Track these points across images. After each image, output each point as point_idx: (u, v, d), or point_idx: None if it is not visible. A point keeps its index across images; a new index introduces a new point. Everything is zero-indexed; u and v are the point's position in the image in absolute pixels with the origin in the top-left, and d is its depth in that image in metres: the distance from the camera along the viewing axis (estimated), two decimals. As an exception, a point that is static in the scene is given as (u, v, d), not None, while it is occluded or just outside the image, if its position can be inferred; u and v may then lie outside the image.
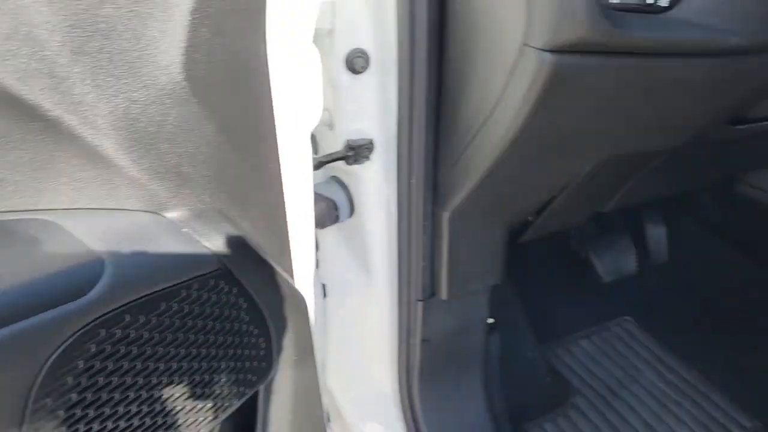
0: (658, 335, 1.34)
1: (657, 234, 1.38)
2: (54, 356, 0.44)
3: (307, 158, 0.63)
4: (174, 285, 0.50)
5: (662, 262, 1.39)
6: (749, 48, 0.67)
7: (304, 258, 0.65)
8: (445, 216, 0.80)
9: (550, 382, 1.22)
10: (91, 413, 0.47)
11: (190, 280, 0.51)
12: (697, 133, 0.83)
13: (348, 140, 0.78)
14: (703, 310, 1.38)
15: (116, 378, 0.48)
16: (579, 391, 1.23)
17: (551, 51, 0.60)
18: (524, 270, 1.39)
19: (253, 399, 0.64)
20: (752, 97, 0.79)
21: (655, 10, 0.64)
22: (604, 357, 1.31)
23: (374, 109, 0.76)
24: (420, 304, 0.89)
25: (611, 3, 0.62)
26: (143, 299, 0.48)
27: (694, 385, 1.24)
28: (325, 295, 1.00)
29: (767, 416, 1.18)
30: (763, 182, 1.26)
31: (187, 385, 0.54)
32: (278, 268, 0.59)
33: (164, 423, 0.53)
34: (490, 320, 1.03)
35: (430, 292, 0.89)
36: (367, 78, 0.74)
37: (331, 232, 0.94)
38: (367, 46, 0.72)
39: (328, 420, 1.06)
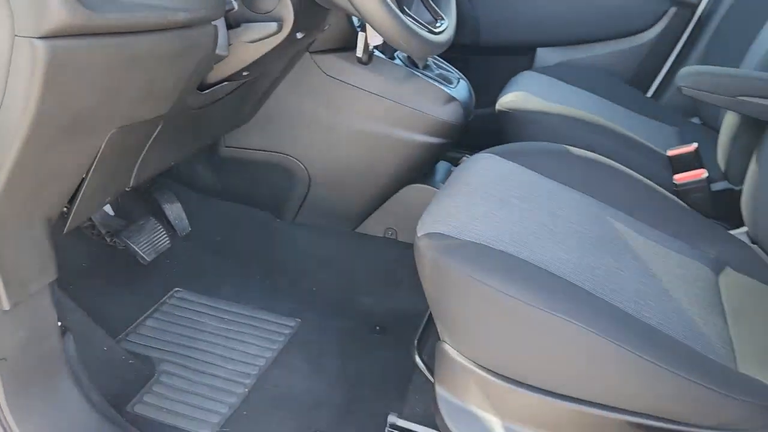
0: (208, 292, 1.56)
1: (174, 210, 1.58)
2: None
3: None
4: None
5: (188, 232, 1.60)
6: (192, 21, 0.89)
7: None
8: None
9: (134, 363, 1.31)
10: None
11: None
12: (177, 100, 1.03)
13: None
14: (237, 261, 1.65)
15: None
16: (161, 359, 1.36)
17: (41, 38, 0.70)
18: (74, 273, 1.42)
19: None
20: (204, 63, 1.03)
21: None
22: (171, 325, 1.46)
23: None
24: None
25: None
26: None
27: (248, 314, 1.51)
28: None
29: (303, 313, 1.53)
30: (236, 141, 1.59)
31: None
32: None
33: None
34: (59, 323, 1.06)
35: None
36: None
37: None
38: None
39: None
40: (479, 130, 1.78)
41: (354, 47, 1.41)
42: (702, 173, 1.37)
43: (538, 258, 0.98)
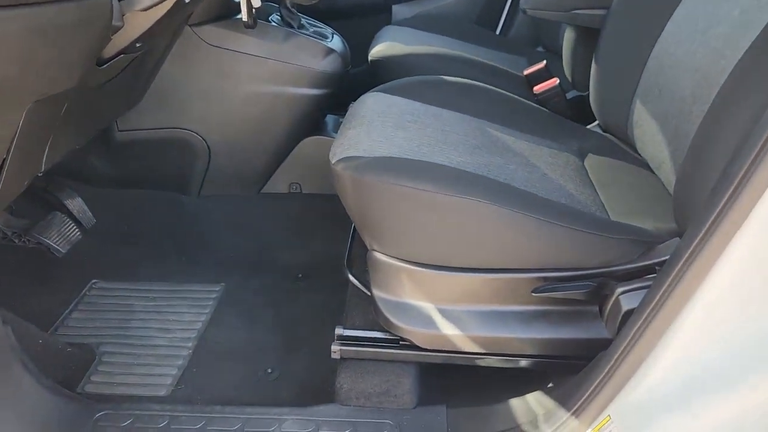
0: (127, 278, 1.58)
1: (76, 204, 1.58)
2: None
3: None
4: None
5: (93, 224, 1.61)
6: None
7: None
8: None
9: (72, 351, 1.33)
10: None
11: None
12: (83, 74, 1.07)
13: None
14: (150, 244, 1.68)
15: None
16: (99, 343, 1.38)
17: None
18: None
19: None
20: (103, 33, 1.07)
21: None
22: (98, 312, 1.48)
23: None
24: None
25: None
26: None
27: (172, 289, 1.55)
28: None
29: (226, 277, 1.59)
30: (130, 123, 1.61)
31: None
32: None
33: None
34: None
35: None
36: None
37: None
38: None
39: None
40: (358, 85, 1.91)
41: (229, 15, 1.48)
42: (555, 81, 1.58)
43: (439, 161, 1.12)
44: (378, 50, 1.83)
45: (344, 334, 1.18)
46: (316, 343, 1.37)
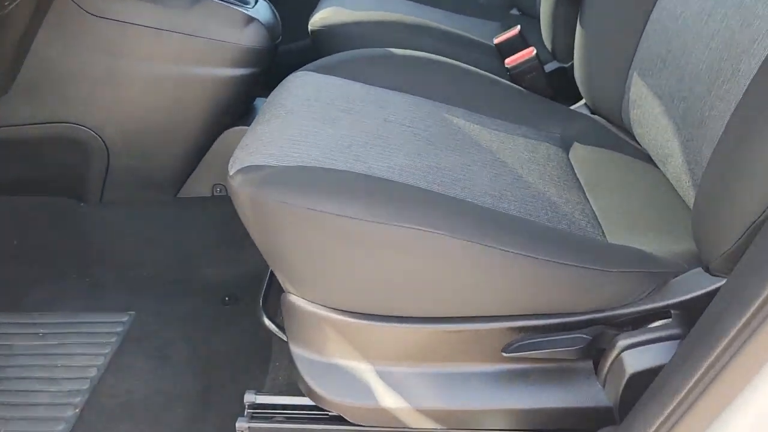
0: (12, 306, 1.28)
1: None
2: None
3: None
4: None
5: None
6: None
7: None
8: None
9: None
10: None
11: None
12: None
13: None
14: (43, 263, 1.38)
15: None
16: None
17: None
18: None
19: None
20: None
21: None
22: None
23: None
24: None
25: None
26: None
27: (67, 321, 1.26)
28: None
29: (136, 303, 1.30)
30: (-1, 119, 1.28)
31: None
32: None
33: None
34: None
35: None
36: None
37: None
38: None
39: None
40: (298, 62, 1.60)
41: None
42: (531, 51, 1.28)
43: (376, 169, 0.83)
44: (320, 18, 1.51)
45: (256, 402, 0.89)
46: (236, 393, 1.09)
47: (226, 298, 1.32)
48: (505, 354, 0.74)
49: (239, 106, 1.39)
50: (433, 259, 0.73)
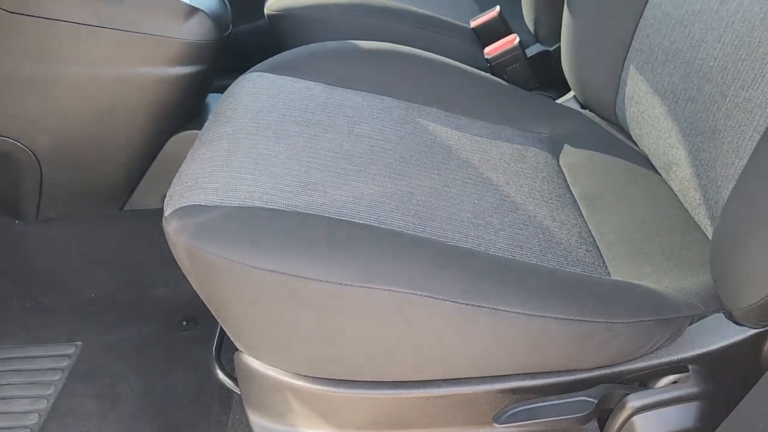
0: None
1: None
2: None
3: None
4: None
5: None
6: None
7: None
8: None
9: None
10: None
11: None
12: None
13: None
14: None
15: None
16: None
17: None
18: None
19: None
20: None
21: None
22: None
23: None
24: None
25: None
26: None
27: (3, 358, 1.12)
28: None
29: (83, 332, 1.17)
30: None
31: None
32: None
33: None
34: None
35: None
36: None
37: None
38: None
39: None
40: (254, 49, 1.44)
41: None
42: (513, 39, 1.15)
43: (338, 202, 0.70)
44: (276, 1, 1.36)
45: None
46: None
47: (184, 322, 1.20)
48: (497, 425, 0.63)
49: (187, 108, 1.24)
50: (411, 323, 0.61)
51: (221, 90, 1.37)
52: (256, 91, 0.92)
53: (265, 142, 0.79)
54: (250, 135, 0.81)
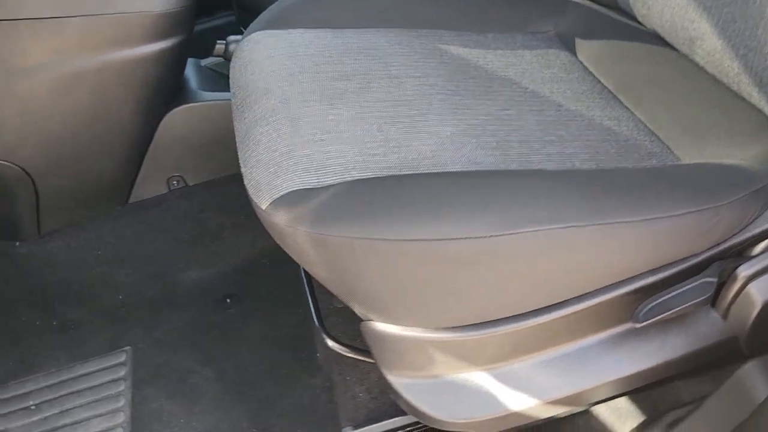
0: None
1: None
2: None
3: None
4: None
5: None
6: None
7: None
8: None
9: None
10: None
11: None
12: None
13: None
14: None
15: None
16: None
17: None
18: None
19: None
20: None
21: None
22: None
23: None
24: None
25: None
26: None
27: (54, 383, 1.08)
28: None
29: (127, 334, 1.13)
30: None
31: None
32: None
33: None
34: None
35: None
36: None
37: None
38: None
39: None
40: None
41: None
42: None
43: (425, 156, 0.69)
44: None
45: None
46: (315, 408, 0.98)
47: (227, 300, 1.17)
48: (637, 325, 0.67)
49: (173, 83, 1.15)
50: (543, 255, 0.62)
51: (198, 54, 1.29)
52: (273, 52, 0.87)
53: (320, 107, 0.76)
54: (300, 102, 0.77)
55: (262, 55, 0.87)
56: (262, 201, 0.66)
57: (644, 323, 0.67)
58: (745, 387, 0.71)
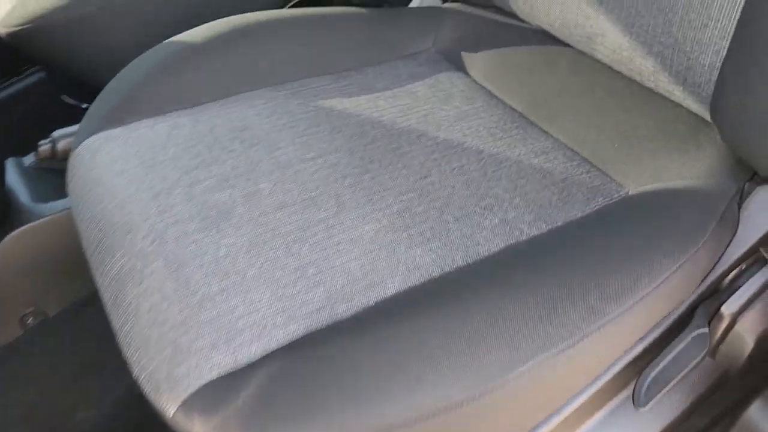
0: None
1: None
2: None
3: None
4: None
5: None
6: None
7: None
8: None
9: None
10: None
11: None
12: None
13: None
14: None
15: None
16: None
17: None
18: None
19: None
20: None
21: None
22: None
23: None
24: None
25: None
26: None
27: None
28: None
29: None
30: None
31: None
32: None
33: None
34: None
35: None
36: None
37: None
38: None
39: None
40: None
41: None
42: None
43: (361, 282, 0.55)
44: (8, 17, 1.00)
45: None
46: None
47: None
48: (643, 409, 0.58)
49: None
50: (542, 381, 0.51)
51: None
52: (122, 166, 0.68)
53: (205, 239, 0.60)
54: (178, 238, 0.60)
55: (107, 171, 0.68)
56: (167, 405, 0.50)
57: (648, 405, 0.58)
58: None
